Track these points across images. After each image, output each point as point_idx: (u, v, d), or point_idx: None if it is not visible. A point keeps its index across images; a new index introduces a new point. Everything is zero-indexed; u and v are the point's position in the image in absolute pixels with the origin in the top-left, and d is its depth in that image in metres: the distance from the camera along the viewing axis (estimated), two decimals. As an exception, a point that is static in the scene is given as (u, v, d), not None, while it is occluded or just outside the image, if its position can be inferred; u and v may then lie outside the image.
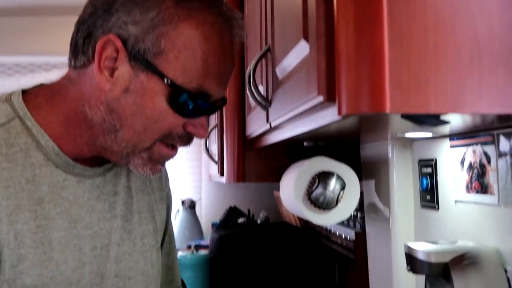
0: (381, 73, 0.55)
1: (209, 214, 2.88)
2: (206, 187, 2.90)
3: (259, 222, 2.50)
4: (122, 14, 0.82)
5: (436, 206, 1.07)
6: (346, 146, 1.45)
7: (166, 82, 0.82)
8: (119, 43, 0.82)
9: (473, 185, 0.93)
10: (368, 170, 1.35)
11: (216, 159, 1.97)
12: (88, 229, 0.91)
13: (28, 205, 0.85)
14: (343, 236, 1.59)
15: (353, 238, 1.48)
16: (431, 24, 0.56)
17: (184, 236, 2.66)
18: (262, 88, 1.15)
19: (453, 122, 0.78)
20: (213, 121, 2.03)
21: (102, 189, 0.94)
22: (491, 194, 0.88)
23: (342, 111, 0.60)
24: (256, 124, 1.32)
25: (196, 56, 0.83)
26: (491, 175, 0.88)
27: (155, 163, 0.89)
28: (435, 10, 0.56)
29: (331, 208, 1.25)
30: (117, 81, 0.83)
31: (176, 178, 2.84)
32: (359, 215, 1.47)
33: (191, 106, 0.84)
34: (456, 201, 1.00)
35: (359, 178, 1.29)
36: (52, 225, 0.87)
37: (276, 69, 1.01)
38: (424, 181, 1.10)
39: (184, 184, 2.88)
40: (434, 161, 1.07)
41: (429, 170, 1.09)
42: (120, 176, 0.98)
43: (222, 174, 1.85)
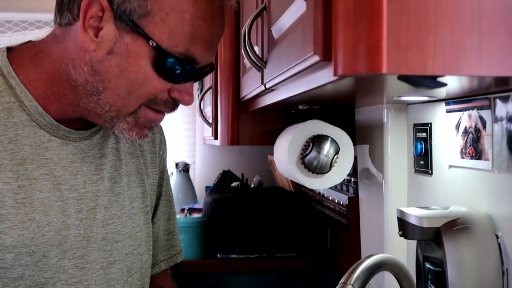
0: (379, 31, 0.54)
1: (203, 177, 2.88)
2: (200, 150, 2.90)
3: (252, 186, 2.50)
4: None
5: (430, 171, 1.07)
6: (341, 110, 1.44)
7: (151, 45, 0.80)
8: (104, 2, 0.80)
9: (467, 150, 0.93)
10: (362, 135, 1.35)
11: (210, 121, 1.96)
12: (74, 191, 0.90)
13: (10, 165, 0.84)
14: (336, 200, 1.60)
15: (346, 202, 1.48)
16: (432, -19, 0.54)
17: (177, 199, 2.67)
18: (257, 49, 1.13)
19: (450, 85, 0.77)
20: (207, 83, 2.02)
21: (87, 151, 0.93)
22: (485, 160, 0.88)
23: (338, 71, 0.58)
24: (250, 86, 1.31)
25: (183, 20, 0.80)
26: (486, 140, 0.87)
27: (142, 128, 0.88)
28: (436, -33, 0.54)
29: (325, 172, 1.25)
30: (101, 41, 0.81)
31: (170, 141, 2.82)
32: (353, 179, 1.47)
33: (177, 71, 0.82)
34: (450, 166, 0.99)
35: (354, 142, 1.29)
36: (35, 186, 0.86)
37: (272, 28, 0.99)
38: (419, 146, 1.09)
39: (178, 147, 2.88)
40: (429, 125, 1.07)
41: (423, 134, 1.09)
42: (108, 138, 0.97)
43: (216, 137, 1.84)
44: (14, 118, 0.86)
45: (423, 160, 1.09)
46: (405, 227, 0.91)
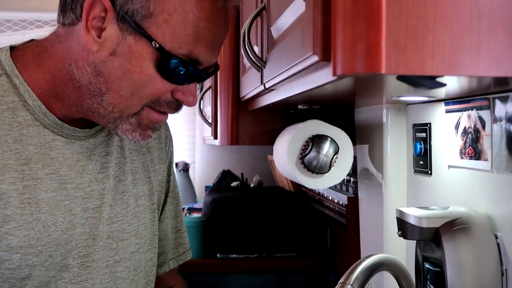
0: (377, 31, 0.54)
1: (202, 177, 2.88)
2: (200, 150, 2.90)
3: (252, 186, 2.50)
4: None
5: (429, 172, 1.07)
6: (340, 110, 1.44)
7: (154, 46, 0.79)
8: (107, 2, 0.79)
9: (466, 150, 0.93)
10: (362, 135, 1.35)
11: (210, 121, 1.96)
12: (79, 190, 0.89)
13: (15, 165, 0.84)
14: (336, 200, 1.60)
15: (345, 202, 1.48)
16: (431, -19, 0.54)
17: (177, 198, 2.67)
18: (257, 48, 1.13)
19: (449, 85, 0.77)
20: (207, 82, 2.02)
21: (93, 150, 0.92)
22: (484, 160, 0.88)
23: (337, 71, 0.58)
24: (250, 86, 1.31)
25: (186, 21, 0.80)
26: (485, 141, 0.87)
27: (145, 129, 0.87)
28: (435, -34, 0.54)
29: (324, 172, 1.25)
30: (104, 42, 0.81)
31: (170, 141, 2.83)
32: (352, 179, 1.47)
33: (180, 72, 0.82)
34: (449, 166, 0.99)
35: (353, 142, 1.29)
36: (40, 185, 0.85)
37: (271, 28, 0.99)
38: (418, 146, 1.09)
39: (178, 147, 2.87)
40: (429, 125, 1.07)
41: (423, 135, 1.09)
42: (113, 136, 0.96)
43: (215, 137, 1.84)
44: (18, 118, 0.85)
45: (423, 160, 1.09)
46: (404, 227, 0.91)
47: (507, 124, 0.81)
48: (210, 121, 1.94)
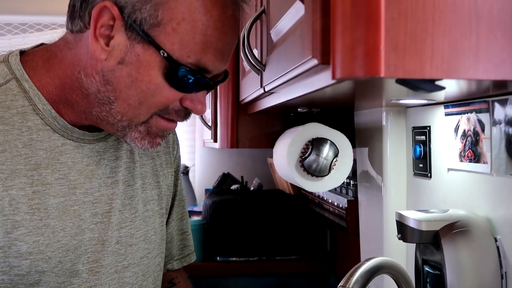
0: (376, 35, 0.54)
1: (202, 180, 2.88)
2: (200, 153, 2.90)
3: (252, 189, 2.50)
4: None
5: (429, 174, 1.07)
6: (340, 113, 1.44)
7: (162, 55, 0.79)
8: (115, 10, 0.78)
9: (466, 153, 0.93)
10: (361, 137, 1.35)
11: (209, 124, 1.97)
12: (89, 195, 0.89)
13: (25, 170, 0.83)
14: (336, 203, 1.60)
15: (345, 205, 1.48)
16: (429, -16, 0.54)
17: (177, 201, 2.67)
18: (256, 52, 1.14)
19: (448, 89, 0.77)
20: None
21: (103, 154, 0.92)
22: (483, 163, 0.88)
23: (336, 75, 0.58)
24: (250, 89, 1.31)
25: (195, 29, 0.79)
26: (484, 144, 0.87)
27: (154, 137, 0.87)
28: (433, -30, 0.54)
29: (324, 175, 1.25)
30: (112, 50, 0.80)
31: (170, 144, 2.83)
32: (352, 182, 1.47)
33: (188, 81, 0.81)
34: (449, 169, 0.99)
35: (353, 145, 1.29)
36: (49, 191, 0.85)
37: (271, 31, 0.99)
38: (417, 149, 1.09)
39: (178, 150, 2.87)
40: (428, 128, 1.07)
41: (422, 138, 1.09)
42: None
43: (215, 140, 1.84)
44: (28, 122, 0.85)
45: (422, 163, 1.09)
46: (404, 230, 0.91)
47: (506, 127, 0.81)
48: (210, 124, 1.94)
